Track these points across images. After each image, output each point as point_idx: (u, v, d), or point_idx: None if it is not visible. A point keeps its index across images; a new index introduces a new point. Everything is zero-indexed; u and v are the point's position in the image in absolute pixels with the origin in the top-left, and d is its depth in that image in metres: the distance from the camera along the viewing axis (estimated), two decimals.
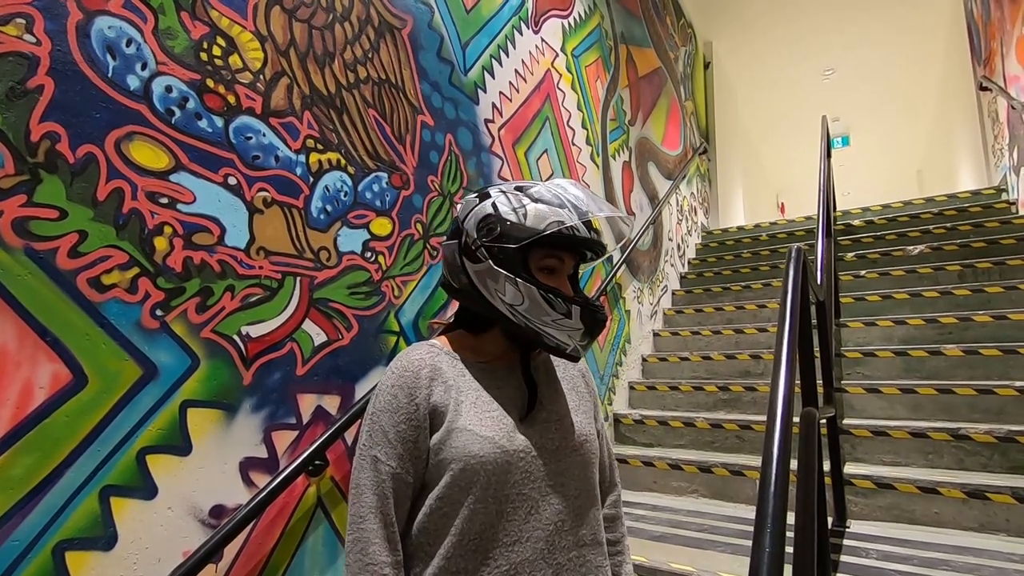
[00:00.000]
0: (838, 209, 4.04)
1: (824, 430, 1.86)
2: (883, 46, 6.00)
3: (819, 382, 1.59)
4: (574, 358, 0.83)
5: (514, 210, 0.80)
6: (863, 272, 3.33)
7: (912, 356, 2.50)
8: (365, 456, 0.77)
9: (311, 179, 1.48)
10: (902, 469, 2.02)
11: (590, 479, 0.84)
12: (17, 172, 0.95)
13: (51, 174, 0.99)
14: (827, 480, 1.84)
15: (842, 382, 2.47)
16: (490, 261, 0.79)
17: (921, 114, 7.45)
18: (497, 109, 2.29)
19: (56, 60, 1.01)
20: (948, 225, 3.56)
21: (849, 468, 2.04)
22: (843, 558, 1.63)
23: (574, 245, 0.83)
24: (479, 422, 0.77)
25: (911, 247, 3.45)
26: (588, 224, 0.81)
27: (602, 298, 2.95)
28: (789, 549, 0.79)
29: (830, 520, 1.82)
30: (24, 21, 0.97)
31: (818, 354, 1.84)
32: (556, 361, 0.93)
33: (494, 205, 0.81)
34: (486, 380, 0.83)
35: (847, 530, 1.83)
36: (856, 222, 4.08)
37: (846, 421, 2.27)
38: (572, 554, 0.78)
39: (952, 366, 2.41)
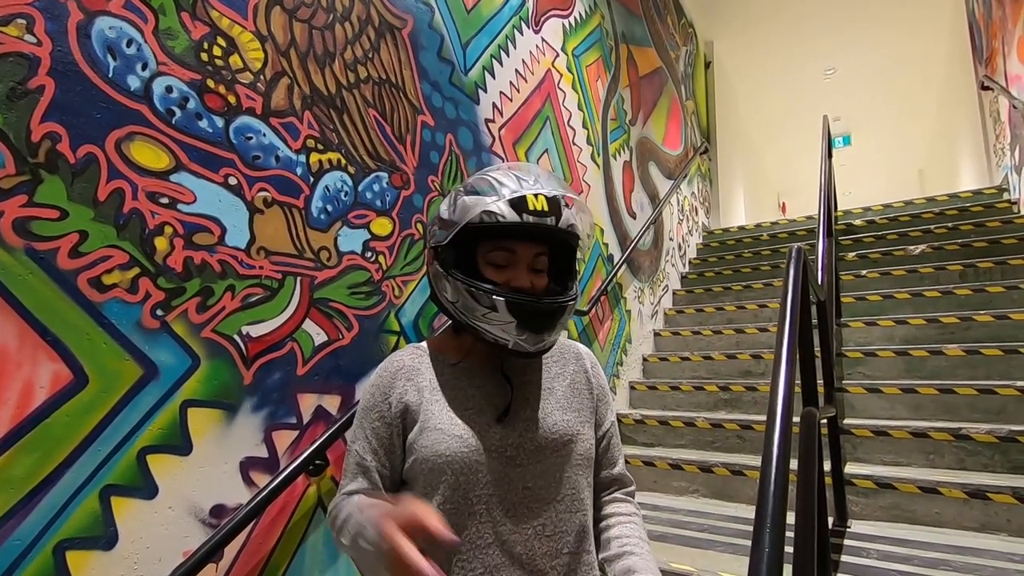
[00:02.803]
0: (839, 209, 4.04)
1: (825, 430, 1.86)
2: (884, 45, 6.00)
3: (820, 382, 1.59)
4: (521, 354, 0.77)
5: (449, 207, 0.79)
6: (864, 272, 3.32)
7: (913, 356, 2.50)
8: (349, 449, 0.83)
9: (311, 179, 1.48)
10: (903, 469, 2.02)
11: (575, 482, 0.79)
12: (18, 172, 0.95)
13: (52, 174, 0.99)
14: (828, 480, 1.83)
15: (843, 382, 2.47)
16: (436, 262, 0.80)
17: (923, 114, 7.44)
18: (497, 109, 2.29)
19: (57, 60, 1.01)
20: (949, 225, 3.56)
21: (850, 468, 2.04)
22: (844, 558, 1.63)
23: (509, 233, 0.76)
24: (450, 421, 0.77)
25: (912, 247, 3.44)
26: (525, 208, 0.74)
27: (602, 298, 2.95)
28: (789, 549, 0.79)
29: (831, 520, 1.82)
30: (25, 22, 0.97)
31: (819, 354, 1.84)
32: (555, 356, 0.89)
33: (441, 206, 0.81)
34: (465, 379, 0.82)
35: (848, 530, 1.83)
36: (857, 222, 4.07)
37: (847, 421, 2.26)
38: (555, 562, 0.75)
39: (953, 366, 2.41)
